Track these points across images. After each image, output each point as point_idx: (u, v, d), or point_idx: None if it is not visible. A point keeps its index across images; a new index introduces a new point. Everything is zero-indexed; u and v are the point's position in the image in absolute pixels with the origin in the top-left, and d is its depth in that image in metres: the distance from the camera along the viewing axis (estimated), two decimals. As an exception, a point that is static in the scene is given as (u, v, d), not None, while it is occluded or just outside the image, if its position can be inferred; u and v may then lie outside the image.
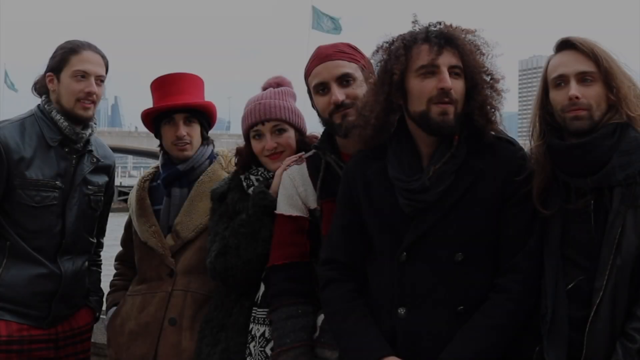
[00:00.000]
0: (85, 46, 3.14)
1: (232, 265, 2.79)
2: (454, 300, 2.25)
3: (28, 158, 3.01)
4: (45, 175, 3.05)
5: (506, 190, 2.30)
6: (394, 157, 2.36)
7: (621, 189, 2.17)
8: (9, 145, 2.98)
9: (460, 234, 2.27)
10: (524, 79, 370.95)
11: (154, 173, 3.43)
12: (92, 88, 3.08)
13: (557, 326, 2.19)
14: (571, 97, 2.21)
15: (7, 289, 3.01)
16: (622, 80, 2.23)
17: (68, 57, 3.10)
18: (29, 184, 3.01)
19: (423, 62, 2.25)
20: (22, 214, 3.03)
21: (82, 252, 3.25)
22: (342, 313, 2.37)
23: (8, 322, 3.01)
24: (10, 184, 2.99)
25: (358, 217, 2.44)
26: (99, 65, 3.14)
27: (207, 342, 2.89)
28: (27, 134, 3.06)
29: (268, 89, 3.00)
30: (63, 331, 3.19)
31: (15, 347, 3.01)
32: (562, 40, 2.32)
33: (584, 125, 2.22)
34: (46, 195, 3.05)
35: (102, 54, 3.19)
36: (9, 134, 3.01)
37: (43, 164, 3.06)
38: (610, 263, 2.13)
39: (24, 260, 3.04)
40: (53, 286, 3.09)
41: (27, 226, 3.04)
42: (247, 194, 2.91)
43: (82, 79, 3.08)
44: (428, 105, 2.25)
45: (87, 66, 3.09)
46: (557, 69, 2.28)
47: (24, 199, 3.01)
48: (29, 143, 3.04)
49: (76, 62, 3.09)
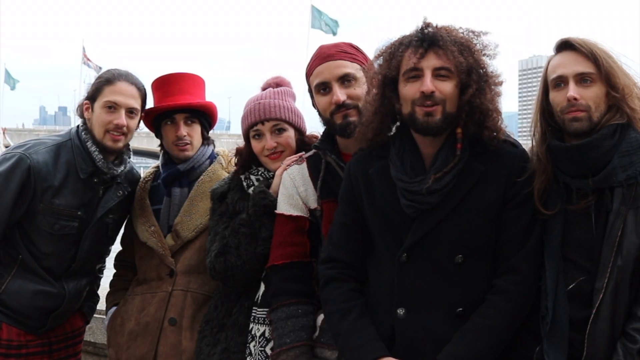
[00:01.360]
0: (122, 77, 3.10)
1: (232, 265, 2.79)
2: (453, 302, 2.26)
3: (56, 186, 3.00)
4: (69, 204, 3.04)
5: (507, 192, 2.30)
6: (396, 157, 2.36)
7: (622, 190, 2.17)
8: (40, 172, 2.96)
9: (461, 236, 2.27)
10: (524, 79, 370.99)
11: (155, 173, 3.43)
12: (120, 120, 3.04)
13: (557, 327, 2.19)
14: (569, 98, 2.21)
15: (10, 298, 3.02)
16: (623, 80, 2.22)
17: (102, 87, 3.08)
18: (50, 211, 3.00)
19: (408, 66, 2.27)
20: (39, 236, 3.03)
21: (86, 274, 3.27)
22: (340, 312, 2.37)
23: (9, 326, 3.04)
24: (33, 206, 2.98)
25: (359, 215, 2.45)
26: (131, 97, 3.09)
27: (207, 342, 2.89)
28: (60, 162, 3.03)
29: (267, 89, 3.00)
30: (55, 335, 3.22)
31: (14, 351, 3.04)
32: (561, 41, 2.32)
33: (583, 126, 2.22)
34: (65, 224, 3.04)
35: (138, 85, 3.15)
36: (43, 161, 2.98)
37: (69, 193, 3.04)
38: (611, 264, 2.13)
39: (32, 275, 3.05)
40: (55, 304, 3.11)
41: (41, 248, 3.05)
42: (247, 194, 2.91)
43: (111, 111, 3.05)
44: (413, 108, 2.27)
45: (118, 98, 3.05)
46: (557, 69, 2.28)
47: (43, 225, 3.01)
48: (60, 170, 3.02)
49: (108, 92, 3.06)
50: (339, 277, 2.44)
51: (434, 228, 2.27)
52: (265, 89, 3.02)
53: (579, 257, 2.23)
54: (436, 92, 2.23)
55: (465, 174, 2.28)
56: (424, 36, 2.28)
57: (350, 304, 2.37)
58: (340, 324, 2.36)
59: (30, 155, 2.96)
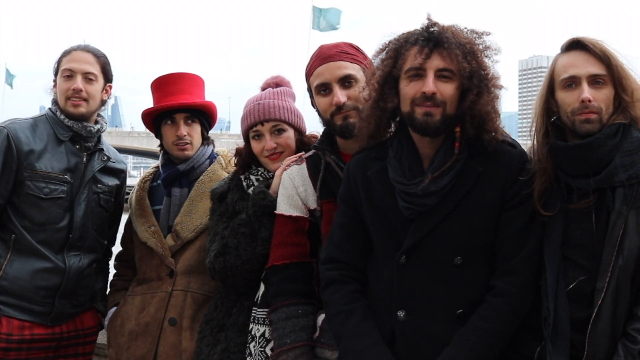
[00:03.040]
0: (79, 47, 3.25)
1: (231, 265, 2.79)
2: (453, 304, 2.25)
3: (38, 151, 3.10)
4: (55, 168, 3.12)
5: (506, 193, 2.29)
6: (394, 159, 2.35)
7: (623, 190, 2.16)
8: (19, 138, 3.07)
9: (460, 237, 2.26)
10: (524, 79, 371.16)
11: (154, 173, 3.43)
12: (76, 85, 3.15)
13: (558, 327, 2.18)
14: (584, 99, 2.19)
15: (10, 283, 3.04)
16: (633, 81, 2.21)
17: (61, 59, 3.22)
18: (38, 176, 3.08)
19: (411, 65, 2.26)
20: (30, 205, 3.08)
21: (90, 251, 3.26)
22: (343, 315, 2.36)
23: (9, 319, 3.03)
24: (19, 175, 3.06)
25: (359, 216, 2.44)
26: (86, 63, 3.19)
27: (207, 342, 2.89)
28: (38, 130, 3.16)
29: (267, 89, 2.99)
30: (67, 331, 3.21)
31: (14, 345, 3.03)
32: (572, 40, 2.29)
33: (595, 128, 2.20)
34: (55, 188, 3.11)
35: (95, 53, 3.25)
36: (20, 128, 3.11)
37: (53, 157, 3.13)
38: (612, 264, 2.13)
39: (28, 253, 3.07)
40: (56, 280, 3.11)
41: (34, 218, 3.08)
42: (247, 194, 2.91)
43: (68, 78, 3.17)
44: (412, 107, 2.26)
45: (73, 64, 3.17)
46: (568, 69, 2.25)
47: (33, 190, 3.07)
48: (40, 138, 3.13)
49: (65, 62, 3.20)
50: (341, 278, 2.43)
51: (432, 230, 2.26)
52: (264, 89, 3.01)
53: (579, 256, 2.22)
54: (437, 94, 2.22)
55: (463, 175, 2.28)
56: (429, 36, 2.26)
57: (352, 306, 2.36)
58: (342, 327, 2.35)
59: (8, 126, 3.11)
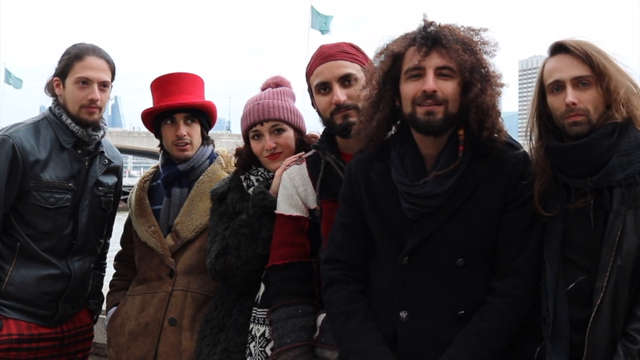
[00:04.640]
0: (90, 51, 3.16)
1: (232, 266, 2.79)
2: (455, 305, 2.25)
3: (43, 160, 3.06)
4: (60, 177, 3.10)
5: (508, 195, 2.29)
6: (397, 159, 2.35)
7: (621, 190, 2.16)
8: (25, 148, 3.02)
9: (462, 239, 2.26)
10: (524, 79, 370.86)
11: (154, 173, 3.43)
12: (94, 95, 3.11)
13: (558, 328, 2.18)
14: (568, 103, 2.21)
15: (16, 289, 3.04)
16: (619, 80, 2.21)
17: (72, 63, 3.13)
18: (43, 186, 3.05)
19: (410, 64, 2.26)
20: (35, 215, 3.06)
21: (91, 253, 3.29)
22: (344, 315, 2.36)
23: (17, 321, 3.04)
24: (24, 185, 3.03)
25: (361, 216, 2.44)
26: (102, 71, 3.15)
27: (207, 342, 2.89)
28: (41, 136, 3.10)
29: (267, 89, 2.99)
30: (68, 330, 3.24)
31: (25, 345, 3.05)
32: (555, 44, 2.30)
33: (583, 129, 2.21)
34: (60, 197, 3.09)
35: (107, 59, 3.20)
36: (24, 137, 3.05)
37: (57, 166, 3.10)
38: (611, 263, 2.13)
39: (34, 260, 3.07)
40: (62, 286, 3.13)
41: (39, 227, 3.07)
42: (247, 194, 2.91)
43: (84, 86, 3.11)
44: (413, 107, 2.26)
45: (90, 73, 3.11)
46: (553, 74, 2.27)
47: (39, 201, 3.05)
48: (44, 145, 3.09)
49: (79, 69, 3.11)
50: (342, 278, 2.43)
51: (435, 231, 2.26)
52: (264, 89, 3.01)
53: (577, 256, 2.22)
54: (438, 92, 2.22)
55: (467, 177, 2.27)
56: (427, 35, 2.27)
57: (354, 307, 2.36)
58: (344, 327, 2.35)
59: (12, 134, 3.04)
